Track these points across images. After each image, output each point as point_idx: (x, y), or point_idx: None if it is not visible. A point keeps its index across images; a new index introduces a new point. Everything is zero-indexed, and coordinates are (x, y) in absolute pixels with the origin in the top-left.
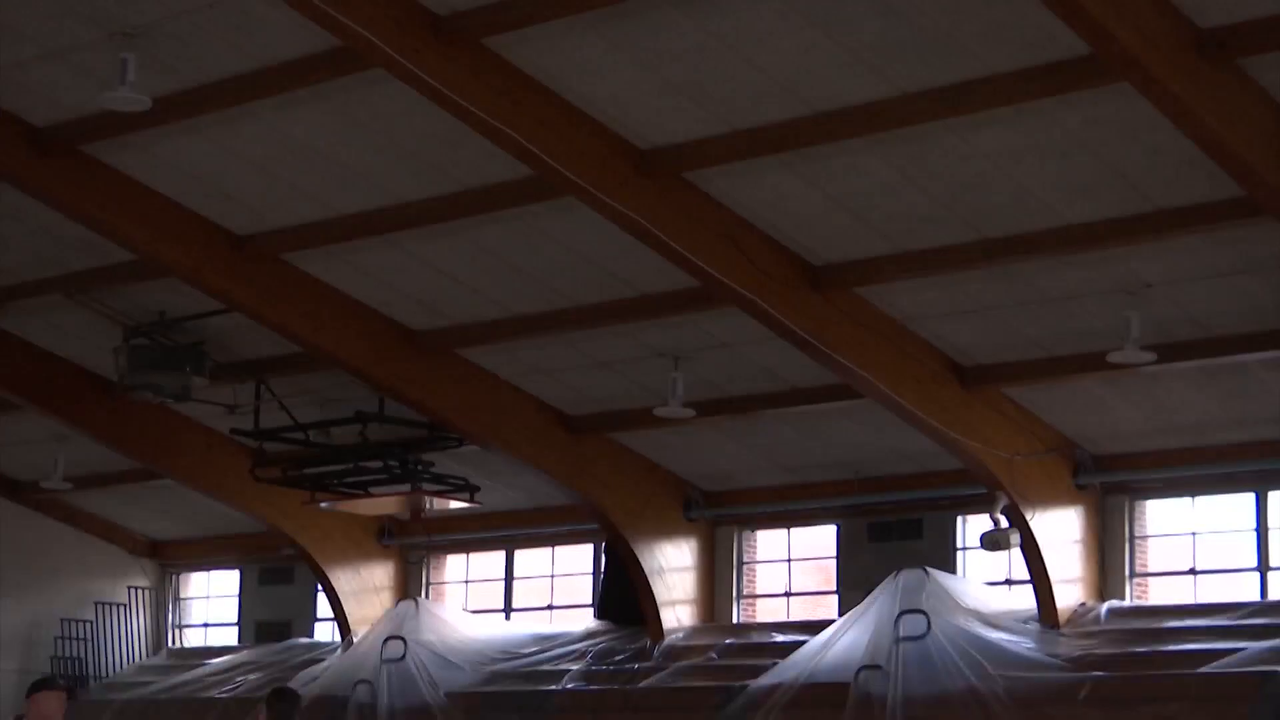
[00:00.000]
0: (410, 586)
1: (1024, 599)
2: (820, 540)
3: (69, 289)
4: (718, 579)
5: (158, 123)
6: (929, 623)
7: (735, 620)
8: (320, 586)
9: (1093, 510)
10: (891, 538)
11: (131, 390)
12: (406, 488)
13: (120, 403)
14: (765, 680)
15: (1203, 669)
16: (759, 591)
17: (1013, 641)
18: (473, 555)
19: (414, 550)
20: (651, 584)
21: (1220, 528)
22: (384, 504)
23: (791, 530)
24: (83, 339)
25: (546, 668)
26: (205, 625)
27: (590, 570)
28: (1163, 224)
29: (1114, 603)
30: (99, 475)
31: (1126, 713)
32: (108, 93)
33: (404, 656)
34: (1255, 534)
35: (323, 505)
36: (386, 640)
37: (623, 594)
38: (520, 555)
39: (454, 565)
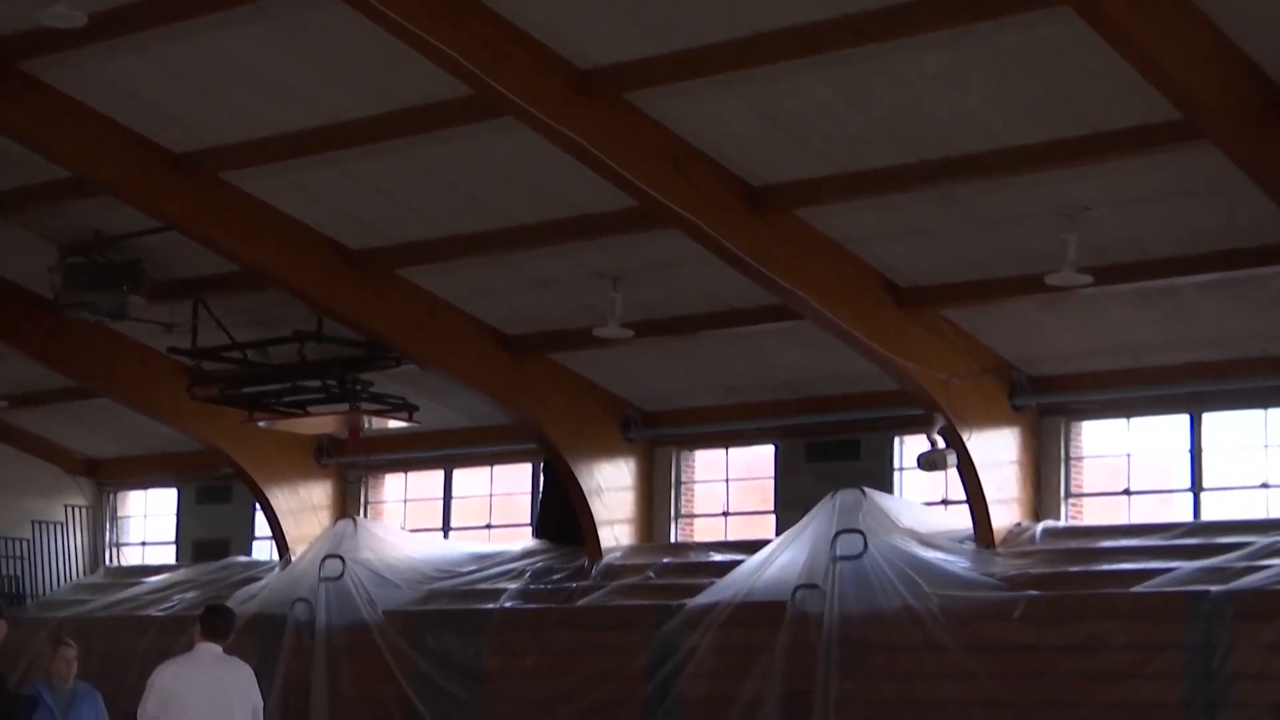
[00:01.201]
0: (348, 505)
1: (960, 519)
2: (758, 460)
3: (3, 207)
4: (656, 498)
5: (95, 40)
6: (865, 542)
7: (673, 539)
8: (258, 505)
9: (1029, 431)
10: (829, 458)
11: (68, 308)
12: (345, 407)
13: (57, 321)
14: (702, 599)
15: (1136, 589)
16: (697, 511)
17: (948, 561)
18: (411, 474)
19: (352, 469)
20: (590, 503)
21: (1155, 449)
22: (322, 423)
23: (729, 450)
24: (18, 257)
25: (484, 586)
26: (143, 544)
27: (529, 490)
28: (1101, 146)
29: (1049, 523)
30: (36, 394)
31: (1060, 631)
32: (44, 9)
33: (342, 575)
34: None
35: (261, 424)
36: (324, 559)
37: (561, 513)
38: (459, 475)
39: (392, 484)
